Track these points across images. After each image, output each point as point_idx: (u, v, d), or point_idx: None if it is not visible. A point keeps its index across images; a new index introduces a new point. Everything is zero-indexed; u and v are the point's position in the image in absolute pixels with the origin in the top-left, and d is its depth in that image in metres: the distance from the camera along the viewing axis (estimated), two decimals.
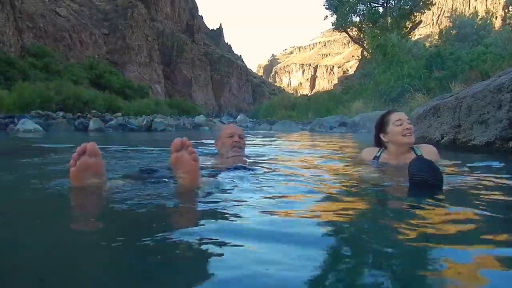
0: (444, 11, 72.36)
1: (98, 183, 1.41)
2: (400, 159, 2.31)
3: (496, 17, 42.25)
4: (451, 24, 24.21)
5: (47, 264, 0.83)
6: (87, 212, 1.35)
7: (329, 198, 1.53)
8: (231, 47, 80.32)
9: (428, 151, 2.31)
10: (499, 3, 63.07)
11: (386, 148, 2.42)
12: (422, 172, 1.42)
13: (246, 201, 1.38)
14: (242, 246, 0.91)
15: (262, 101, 57.16)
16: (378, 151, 2.46)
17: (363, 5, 27.22)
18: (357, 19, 28.04)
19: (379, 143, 2.46)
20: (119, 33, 37.39)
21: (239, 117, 21.11)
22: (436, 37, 24.46)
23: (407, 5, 25.95)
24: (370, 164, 2.42)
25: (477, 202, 1.42)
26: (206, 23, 71.64)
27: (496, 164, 2.59)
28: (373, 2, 27.21)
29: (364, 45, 26.37)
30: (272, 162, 2.83)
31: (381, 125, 2.40)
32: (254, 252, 0.88)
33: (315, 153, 4.11)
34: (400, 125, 2.28)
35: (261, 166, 2.31)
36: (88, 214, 1.31)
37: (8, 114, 11.13)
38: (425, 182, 1.41)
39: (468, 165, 2.53)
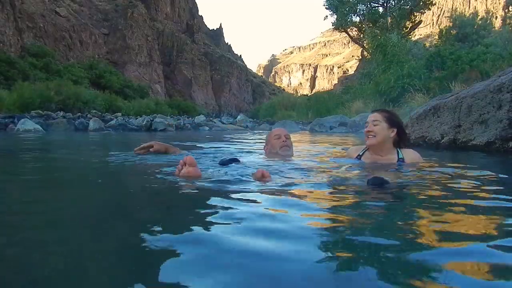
0: (444, 11, 72.44)
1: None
2: (380, 159, 2.42)
3: (496, 17, 42.28)
4: (451, 24, 24.18)
5: None
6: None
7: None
8: (231, 47, 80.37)
9: (411, 157, 2.41)
10: (499, 3, 63.18)
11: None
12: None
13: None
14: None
15: (262, 101, 57.18)
16: (362, 150, 2.56)
17: (363, 5, 27.19)
18: (357, 19, 28.02)
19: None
20: (119, 33, 37.41)
21: (239, 117, 21.09)
22: (436, 37, 24.44)
23: (407, 5, 25.93)
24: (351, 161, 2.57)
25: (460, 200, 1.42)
26: (206, 23, 71.76)
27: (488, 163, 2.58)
28: (373, 2, 27.20)
29: (364, 45, 26.34)
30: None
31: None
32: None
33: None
34: (366, 127, 2.42)
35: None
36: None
37: (8, 114, 11.13)
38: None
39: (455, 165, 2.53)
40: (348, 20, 27.55)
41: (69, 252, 0.91)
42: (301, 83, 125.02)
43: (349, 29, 28.86)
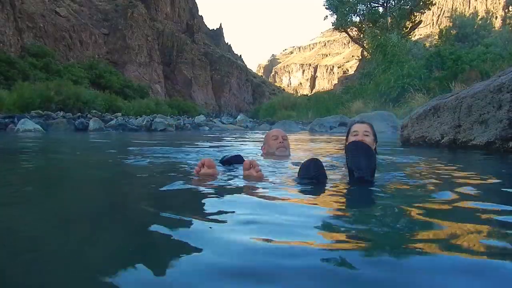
0: (444, 11, 72.41)
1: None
2: None
3: (496, 17, 42.30)
4: (451, 24, 24.21)
5: None
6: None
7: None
8: (231, 47, 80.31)
9: None
10: (499, 3, 63.16)
11: None
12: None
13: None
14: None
15: (262, 101, 57.14)
16: None
17: (363, 5, 27.20)
18: (357, 19, 28.04)
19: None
20: (119, 33, 37.39)
21: (239, 117, 21.08)
22: (436, 37, 24.45)
23: (407, 5, 25.94)
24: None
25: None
26: (206, 23, 71.72)
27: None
28: (373, 2, 27.21)
29: (364, 45, 26.35)
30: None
31: (346, 135, 2.58)
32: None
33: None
34: (355, 135, 2.43)
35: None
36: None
37: (8, 114, 11.12)
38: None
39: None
40: (348, 20, 27.57)
41: (67, 252, 0.91)
42: (301, 83, 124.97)
43: (349, 29, 28.89)
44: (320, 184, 1.70)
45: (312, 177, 1.67)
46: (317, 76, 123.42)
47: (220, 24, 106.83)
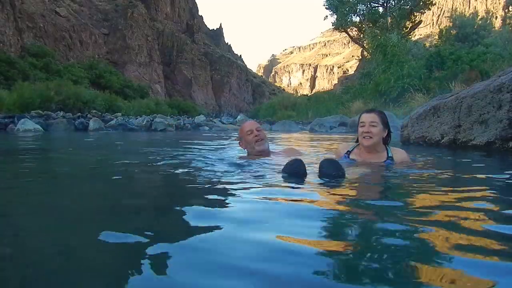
0: (444, 11, 72.43)
1: None
2: (370, 157, 2.44)
3: (496, 17, 42.31)
4: (451, 24, 24.18)
5: None
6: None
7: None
8: (231, 47, 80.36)
9: (401, 157, 2.47)
10: (499, 3, 63.18)
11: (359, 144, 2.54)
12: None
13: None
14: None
15: (262, 101, 57.13)
16: (352, 147, 2.58)
17: (363, 5, 27.15)
18: (357, 19, 27.97)
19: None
20: (119, 33, 37.40)
21: (239, 117, 21.07)
22: (436, 37, 24.43)
23: (407, 5, 25.89)
24: (339, 158, 2.55)
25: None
26: (206, 23, 71.76)
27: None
28: (373, 2, 27.16)
29: (364, 45, 26.31)
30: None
31: (357, 123, 2.55)
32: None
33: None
34: (362, 126, 2.40)
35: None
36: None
37: (8, 114, 11.11)
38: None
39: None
40: (348, 20, 27.51)
41: (67, 252, 0.91)
42: (301, 83, 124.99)
43: (349, 29, 28.82)
44: (301, 178, 1.83)
45: (292, 172, 1.85)
46: (317, 76, 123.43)
47: (220, 24, 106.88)
